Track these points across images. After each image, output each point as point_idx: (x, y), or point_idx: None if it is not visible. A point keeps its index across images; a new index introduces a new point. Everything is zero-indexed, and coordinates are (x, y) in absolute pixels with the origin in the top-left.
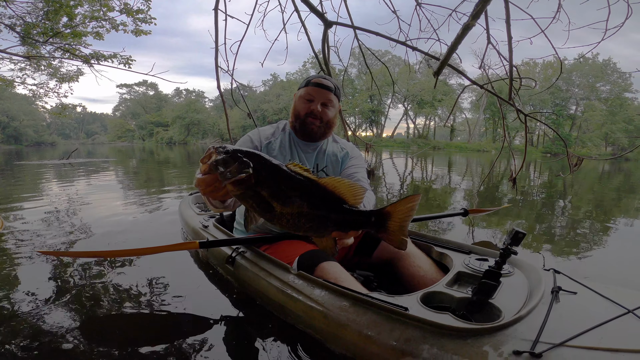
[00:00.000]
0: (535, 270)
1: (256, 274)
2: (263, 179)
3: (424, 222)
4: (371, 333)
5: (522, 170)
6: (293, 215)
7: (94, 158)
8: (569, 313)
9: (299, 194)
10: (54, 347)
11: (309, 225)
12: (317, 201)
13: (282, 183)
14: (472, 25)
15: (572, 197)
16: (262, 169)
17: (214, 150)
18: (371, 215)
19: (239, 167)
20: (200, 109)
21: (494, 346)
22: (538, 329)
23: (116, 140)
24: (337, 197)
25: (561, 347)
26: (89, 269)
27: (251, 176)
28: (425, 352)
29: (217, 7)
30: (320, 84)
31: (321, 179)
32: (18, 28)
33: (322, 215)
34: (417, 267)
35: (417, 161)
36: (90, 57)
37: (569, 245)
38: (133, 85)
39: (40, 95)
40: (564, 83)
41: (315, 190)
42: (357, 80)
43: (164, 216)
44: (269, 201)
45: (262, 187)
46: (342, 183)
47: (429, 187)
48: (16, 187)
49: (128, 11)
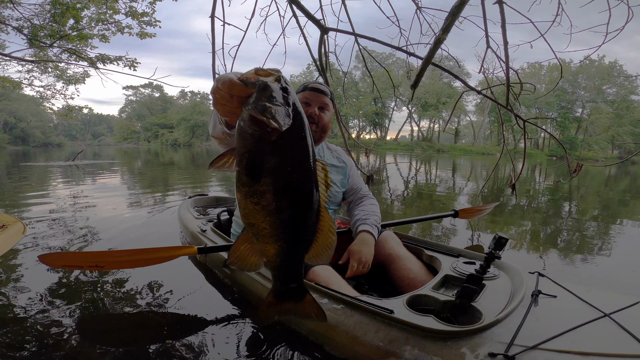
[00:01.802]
0: (519, 273)
1: (252, 278)
2: (283, 146)
3: (418, 225)
4: (358, 334)
5: (527, 174)
6: (266, 207)
7: (100, 159)
8: (546, 316)
9: (296, 198)
10: (51, 345)
11: (266, 230)
12: (297, 225)
13: (296, 170)
14: (443, 39)
15: (577, 201)
16: (296, 138)
17: (279, 75)
18: (294, 282)
19: (277, 111)
20: (205, 111)
21: (471, 348)
22: (514, 332)
23: (122, 142)
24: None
25: (534, 350)
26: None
27: (276, 132)
28: (408, 353)
29: (213, 15)
30: (316, 89)
31: (325, 213)
32: (25, 30)
33: (291, 238)
34: (408, 270)
35: (421, 165)
36: (97, 59)
37: (567, 248)
38: (139, 87)
39: (47, 97)
40: (569, 85)
41: (309, 212)
42: (361, 82)
43: (165, 218)
44: (261, 171)
45: (273, 152)
46: (327, 235)
47: (433, 190)
48: (22, 187)
49: (133, 14)
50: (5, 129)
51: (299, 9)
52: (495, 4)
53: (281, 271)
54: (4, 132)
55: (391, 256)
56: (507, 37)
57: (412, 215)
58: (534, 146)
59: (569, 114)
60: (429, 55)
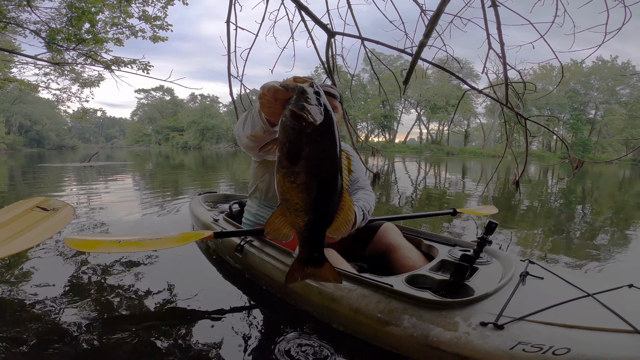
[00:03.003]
0: (510, 259)
1: (262, 259)
2: (316, 137)
3: (424, 225)
4: (360, 305)
5: (539, 177)
6: (300, 186)
7: (113, 161)
8: (533, 294)
9: (324, 180)
10: (61, 324)
11: (298, 205)
12: (323, 202)
13: (325, 157)
14: (425, 43)
15: (590, 203)
16: (326, 132)
17: (312, 82)
18: (317, 252)
19: (312, 109)
20: (215, 114)
21: (464, 318)
22: (503, 305)
23: (134, 145)
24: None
25: (521, 321)
26: (100, 256)
27: (312, 125)
28: (406, 321)
29: (229, 20)
30: (326, 92)
31: (346, 194)
32: (43, 34)
33: (317, 213)
34: (407, 258)
35: (430, 167)
36: (112, 62)
37: (577, 250)
38: (150, 90)
39: (63, 100)
40: (582, 87)
41: (334, 193)
42: (369, 85)
43: (175, 217)
44: (298, 157)
45: (308, 142)
46: (347, 213)
47: (443, 193)
48: (37, 188)
49: (146, 18)
50: (21, 131)
51: (307, 14)
52: (490, 7)
53: (307, 242)
54: (20, 134)
55: (391, 245)
56: (515, 38)
57: (409, 212)
58: (546, 148)
59: (581, 116)
60: (415, 58)
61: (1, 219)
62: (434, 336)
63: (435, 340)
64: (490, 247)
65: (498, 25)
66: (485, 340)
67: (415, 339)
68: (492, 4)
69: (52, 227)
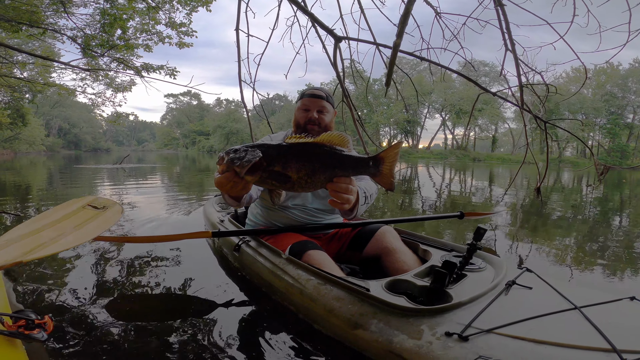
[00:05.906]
0: (504, 267)
1: (255, 258)
2: (272, 157)
3: (430, 228)
4: (334, 306)
5: (574, 184)
6: (308, 174)
7: (144, 164)
8: (513, 305)
9: (306, 156)
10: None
11: (323, 177)
12: (324, 156)
13: (288, 154)
14: (398, 44)
15: (624, 213)
16: (268, 150)
17: (225, 153)
18: (369, 160)
19: (250, 155)
20: (239, 119)
21: (430, 326)
22: (474, 316)
23: (163, 148)
24: (335, 147)
25: (489, 334)
26: (109, 250)
27: (262, 159)
28: (373, 325)
29: (238, 28)
30: (313, 95)
31: (317, 138)
32: (79, 40)
33: (331, 164)
34: (402, 263)
35: (455, 173)
36: (142, 68)
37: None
38: (179, 95)
39: (98, 104)
40: (619, 90)
41: (318, 149)
42: (391, 90)
43: (195, 215)
44: (284, 173)
45: (274, 164)
46: (333, 136)
47: (468, 201)
48: (74, 188)
49: (172, 24)
50: (60, 134)
51: (311, 19)
52: (497, 7)
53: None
54: (59, 137)
55: (387, 249)
56: (539, 38)
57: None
58: (581, 154)
59: (619, 120)
60: (391, 60)
61: (58, 214)
62: (397, 343)
63: (398, 347)
64: (487, 254)
65: (506, 25)
66: (447, 351)
67: (380, 344)
68: (498, 4)
69: (102, 224)
